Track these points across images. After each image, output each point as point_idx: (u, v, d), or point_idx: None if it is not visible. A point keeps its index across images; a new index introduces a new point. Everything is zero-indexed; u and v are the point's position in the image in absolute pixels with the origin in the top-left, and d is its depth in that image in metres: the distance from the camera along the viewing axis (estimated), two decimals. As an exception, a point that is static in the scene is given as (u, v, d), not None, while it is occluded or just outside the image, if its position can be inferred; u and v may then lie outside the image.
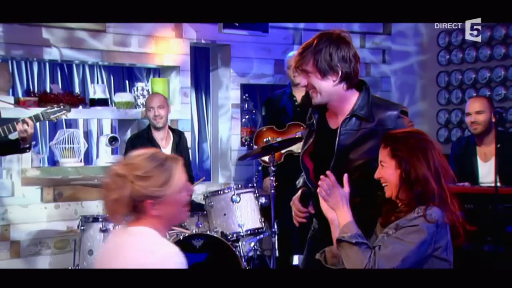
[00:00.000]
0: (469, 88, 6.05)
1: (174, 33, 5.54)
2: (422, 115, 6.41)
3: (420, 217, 2.26)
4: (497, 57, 5.86)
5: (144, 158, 2.13)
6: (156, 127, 4.86)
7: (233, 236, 4.46)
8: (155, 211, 2.11)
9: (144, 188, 2.08)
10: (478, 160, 4.63)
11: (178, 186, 2.13)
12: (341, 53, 2.70)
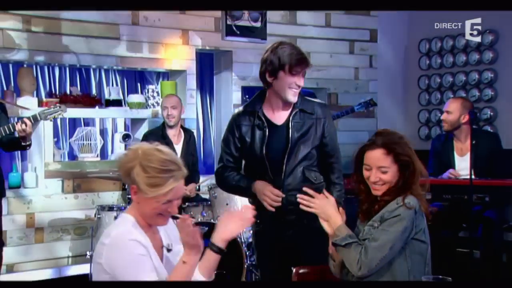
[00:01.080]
0: (447, 90, 6.07)
1: (181, 40, 5.55)
2: (405, 114, 6.43)
3: (401, 207, 2.29)
4: (472, 62, 5.87)
5: (157, 156, 2.14)
6: (168, 125, 4.87)
7: (235, 223, 4.46)
8: (135, 197, 2.14)
9: (137, 175, 2.10)
10: (455, 154, 4.64)
11: (163, 197, 2.11)
12: None
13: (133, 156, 2.14)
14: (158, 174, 2.10)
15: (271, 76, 2.95)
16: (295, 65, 2.91)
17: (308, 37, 6.13)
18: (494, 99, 5.70)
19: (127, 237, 2.09)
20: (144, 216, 2.16)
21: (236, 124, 3.04)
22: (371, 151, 2.39)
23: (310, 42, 6.16)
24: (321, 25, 6.21)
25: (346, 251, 2.30)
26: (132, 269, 2.05)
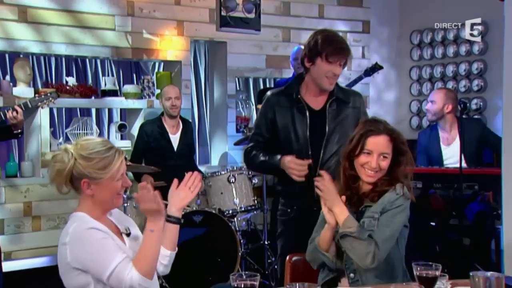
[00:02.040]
0: (438, 81, 6.07)
1: (176, 31, 5.51)
2: (397, 104, 6.43)
3: (401, 197, 2.29)
4: (462, 53, 5.87)
5: (92, 142, 2.14)
6: (172, 115, 4.84)
7: (229, 212, 4.48)
8: (89, 191, 2.12)
9: (84, 167, 2.09)
10: (441, 145, 4.66)
11: (115, 174, 2.12)
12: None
13: (65, 157, 2.11)
14: (103, 155, 2.11)
15: (309, 61, 2.91)
16: (332, 54, 2.85)
17: (301, 28, 6.11)
18: (484, 90, 5.71)
19: (85, 227, 2.08)
20: (103, 203, 2.15)
21: (270, 106, 2.98)
22: (376, 137, 2.35)
23: (304, 33, 6.14)
24: (315, 16, 6.19)
25: (358, 243, 2.23)
26: (101, 254, 2.04)
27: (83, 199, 2.16)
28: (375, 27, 6.43)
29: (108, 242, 2.08)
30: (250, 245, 4.88)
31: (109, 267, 2.02)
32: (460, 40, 5.86)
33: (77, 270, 2.06)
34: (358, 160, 2.36)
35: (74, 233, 2.08)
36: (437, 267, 1.91)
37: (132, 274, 2.03)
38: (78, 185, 2.13)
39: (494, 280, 1.81)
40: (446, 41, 6.00)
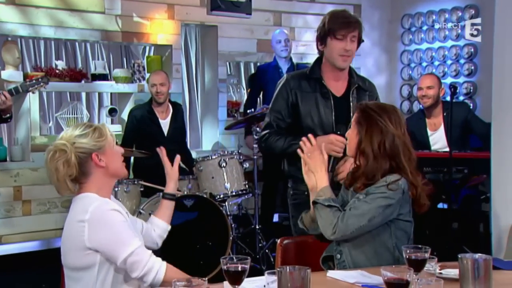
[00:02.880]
0: (428, 65, 6.07)
1: (167, 15, 5.47)
2: (388, 89, 6.43)
3: (385, 186, 2.28)
4: (452, 38, 5.88)
5: (74, 126, 2.19)
6: (158, 102, 4.83)
7: (220, 196, 4.48)
8: (102, 163, 2.13)
9: (86, 143, 2.12)
10: (428, 130, 4.69)
11: (111, 139, 2.18)
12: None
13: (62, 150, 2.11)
14: (91, 127, 2.16)
15: (321, 44, 2.90)
16: (338, 29, 2.81)
17: (293, 12, 6.09)
18: (474, 74, 5.73)
19: (107, 208, 2.09)
20: (116, 173, 2.20)
21: (291, 90, 2.91)
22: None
23: (295, 17, 6.12)
24: (305, 0, 6.16)
25: (324, 212, 2.28)
26: (122, 236, 2.06)
27: (89, 182, 2.15)
28: (367, 11, 6.41)
29: (127, 227, 2.11)
30: (241, 229, 4.90)
31: (129, 249, 2.04)
32: (451, 24, 5.86)
33: (90, 250, 2.06)
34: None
35: (96, 212, 2.07)
36: (426, 250, 1.92)
37: (160, 268, 2.07)
38: (87, 167, 2.13)
39: (482, 261, 1.83)
40: (437, 25, 6.00)
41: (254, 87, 5.46)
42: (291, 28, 6.06)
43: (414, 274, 1.75)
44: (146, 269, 2.06)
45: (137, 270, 2.05)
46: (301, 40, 6.16)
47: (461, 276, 1.85)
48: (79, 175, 2.13)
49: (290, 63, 5.28)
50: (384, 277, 1.71)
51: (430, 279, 1.72)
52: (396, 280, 1.69)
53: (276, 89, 2.98)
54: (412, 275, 1.71)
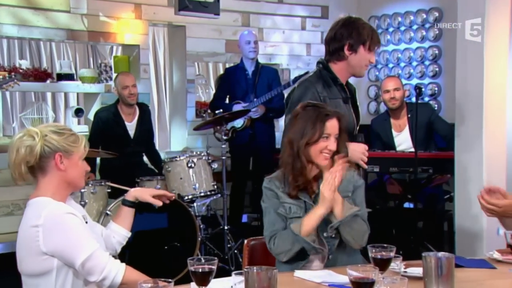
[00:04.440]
0: (394, 66, 6.16)
1: (134, 15, 5.43)
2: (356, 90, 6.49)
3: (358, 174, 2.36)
4: (417, 39, 5.97)
5: (55, 123, 2.24)
6: (130, 104, 4.79)
7: (189, 197, 4.46)
8: (62, 166, 2.09)
9: (57, 141, 2.09)
10: (393, 131, 4.76)
11: (83, 152, 2.15)
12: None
13: (33, 135, 2.08)
14: (71, 132, 2.15)
15: (351, 50, 2.86)
16: (377, 42, 2.90)
17: (261, 13, 6.10)
18: (439, 75, 5.83)
19: (61, 211, 2.05)
20: (72, 183, 2.14)
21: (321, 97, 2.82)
22: (331, 120, 2.34)
23: (263, 18, 6.14)
24: (274, 1, 6.18)
25: (357, 224, 2.32)
26: (78, 239, 2.03)
27: (46, 181, 2.11)
28: (334, 12, 6.46)
29: (84, 230, 2.08)
30: (210, 230, 4.88)
31: (86, 252, 2.01)
32: (416, 26, 5.96)
33: (46, 255, 2.02)
34: (317, 146, 2.33)
35: (50, 216, 2.03)
36: (391, 249, 1.95)
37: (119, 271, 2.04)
38: (46, 163, 2.09)
39: (445, 260, 1.87)
40: (402, 27, 6.09)
41: (221, 88, 5.46)
42: (259, 29, 6.07)
43: (379, 273, 1.78)
44: (105, 273, 2.02)
45: (95, 275, 2.02)
46: (269, 41, 6.18)
47: (425, 274, 1.89)
48: (37, 167, 2.09)
49: (256, 64, 5.30)
50: (350, 277, 1.73)
51: (395, 278, 1.74)
52: (362, 279, 1.70)
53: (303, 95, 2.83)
54: (377, 274, 1.73)
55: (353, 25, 2.88)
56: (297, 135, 2.34)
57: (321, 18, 6.47)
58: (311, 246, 2.29)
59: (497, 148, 4.03)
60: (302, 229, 2.27)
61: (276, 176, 2.39)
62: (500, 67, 4.02)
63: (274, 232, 2.32)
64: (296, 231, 2.27)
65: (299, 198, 2.35)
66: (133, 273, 2.07)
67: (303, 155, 2.32)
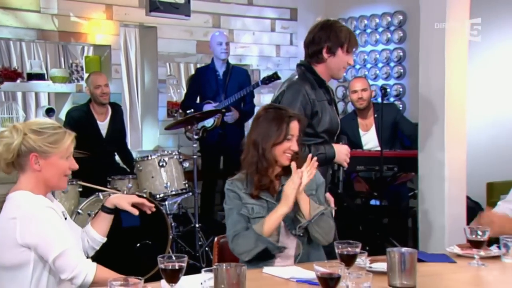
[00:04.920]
0: (361, 68, 6.22)
1: (105, 15, 5.37)
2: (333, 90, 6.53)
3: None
4: (383, 41, 6.04)
5: (43, 120, 2.14)
6: (102, 103, 4.74)
7: (160, 196, 4.44)
8: (37, 166, 2.07)
9: (34, 141, 2.06)
10: (360, 131, 4.82)
11: (64, 152, 2.10)
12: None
13: (13, 132, 2.07)
14: (54, 131, 2.09)
15: (329, 53, 2.87)
16: (354, 44, 2.91)
17: (231, 14, 6.10)
18: (403, 76, 5.91)
19: (40, 205, 2.04)
20: (48, 182, 2.11)
21: (311, 100, 2.81)
22: (294, 122, 2.38)
23: (234, 20, 6.14)
24: (244, 3, 6.19)
25: (324, 221, 2.35)
26: (55, 233, 2.01)
27: (25, 178, 2.09)
28: (302, 15, 6.50)
29: (61, 224, 2.06)
30: (181, 228, 4.87)
31: (60, 248, 1.99)
32: (382, 28, 6.03)
33: (22, 247, 2.00)
34: (281, 147, 2.36)
35: (28, 209, 2.02)
36: (356, 245, 1.98)
37: (89, 271, 2.01)
38: (24, 162, 2.07)
39: (408, 255, 1.90)
40: (369, 29, 6.15)
41: (191, 88, 5.44)
42: (229, 30, 6.07)
43: (345, 268, 1.80)
44: (75, 272, 2.00)
45: (65, 273, 2.01)
46: (239, 42, 6.18)
47: (389, 268, 1.92)
48: (16, 163, 2.08)
49: (227, 65, 5.29)
50: (317, 272, 1.74)
51: (360, 273, 1.77)
52: (328, 274, 1.72)
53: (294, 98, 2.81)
54: (343, 269, 1.75)
55: (331, 28, 2.88)
56: (262, 137, 2.36)
57: (290, 20, 6.50)
58: (275, 246, 2.31)
59: (458, 147, 4.12)
60: (265, 229, 2.29)
61: (238, 178, 2.42)
62: (460, 69, 4.12)
63: (237, 232, 2.33)
64: (259, 231, 2.28)
65: (261, 198, 2.37)
66: (104, 272, 2.05)
67: (270, 156, 2.35)
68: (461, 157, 4.14)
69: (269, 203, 2.37)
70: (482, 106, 5.53)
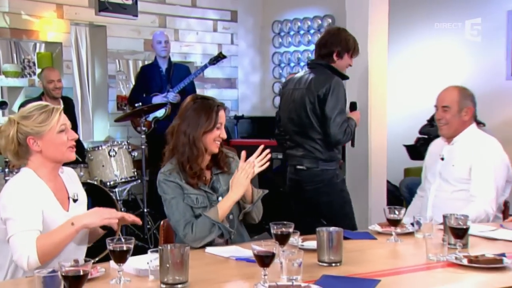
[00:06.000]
0: (295, 65, 6.28)
1: (56, 14, 5.18)
2: (261, 86, 6.57)
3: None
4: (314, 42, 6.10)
5: (31, 104, 2.10)
6: (55, 97, 4.59)
7: (111, 183, 4.36)
8: (36, 147, 2.03)
9: (26, 126, 2.02)
10: None
11: (55, 126, 2.04)
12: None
13: (9, 125, 2.05)
14: (40, 110, 2.05)
15: (338, 56, 3.23)
16: (357, 52, 3.28)
17: (176, 15, 6.02)
18: (333, 74, 6.00)
19: (21, 181, 2.00)
20: (53, 158, 2.05)
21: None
22: (221, 110, 2.35)
23: (179, 20, 6.06)
24: (188, 5, 6.12)
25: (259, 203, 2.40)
26: (13, 213, 1.93)
27: (32, 159, 2.06)
28: (242, 17, 6.50)
29: (32, 206, 1.95)
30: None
31: (15, 229, 1.91)
32: (313, 30, 6.11)
33: (2, 221, 1.95)
34: (211, 135, 2.30)
35: (10, 184, 1.99)
36: (290, 225, 2.00)
37: (30, 252, 1.88)
38: (25, 148, 2.04)
39: (335, 233, 1.95)
40: (302, 30, 6.22)
41: (138, 85, 5.35)
42: (175, 30, 6.00)
43: (279, 247, 1.82)
44: (15, 257, 1.90)
45: (13, 254, 1.92)
46: (184, 41, 6.12)
47: (318, 246, 1.96)
48: (21, 151, 2.05)
49: (168, 62, 5.24)
50: (254, 251, 1.75)
51: (293, 251, 1.79)
52: (264, 252, 1.73)
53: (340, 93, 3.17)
54: (278, 248, 1.77)
55: (341, 36, 3.23)
56: (192, 126, 2.29)
57: (230, 21, 6.48)
58: (228, 231, 2.29)
59: (380, 137, 4.25)
60: (220, 215, 2.25)
61: (172, 169, 2.30)
62: (381, 69, 4.24)
63: (188, 221, 2.24)
64: (215, 218, 2.23)
65: (200, 188, 2.31)
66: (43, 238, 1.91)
67: (200, 144, 2.28)
68: (382, 146, 4.27)
69: (207, 193, 2.33)
70: (400, 101, 5.72)
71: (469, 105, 2.79)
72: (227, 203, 2.27)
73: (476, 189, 2.69)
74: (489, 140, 2.80)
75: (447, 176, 2.81)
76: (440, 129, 2.86)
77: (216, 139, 2.32)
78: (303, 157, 3.25)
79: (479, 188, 2.68)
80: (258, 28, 6.57)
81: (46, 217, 1.99)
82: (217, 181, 2.37)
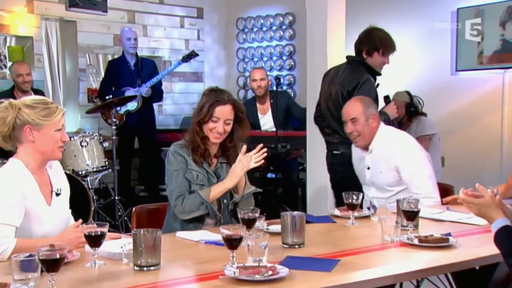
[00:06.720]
0: (259, 60, 6.28)
1: (27, 9, 5.02)
2: (226, 79, 6.55)
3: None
4: (276, 38, 6.13)
5: (36, 97, 2.04)
6: (24, 90, 4.46)
7: (83, 172, 4.29)
8: (31, 137, 1.97)
9: (28, 115, 1.96)
10: (259, 114, 4.90)
11: (57, 123, 2.00)
12: None
13: (8, 108, 1.96)
14: (46, 105, 1.99)
15: (367, 54, 3.26)
16: (389, 50, 3.25)
17: (145, 11, 5.93)
18: (294, 68, 6.05)
19: (5, 173, 1.94)
20: (44, 152, 1.99)
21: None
22: (223, 106, 2.36)
23: (147, 16, 5.96)
24: (156, 2, 6.03)
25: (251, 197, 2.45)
26: (1, 207, 1.88)
27: (22, 148, 1.99)
28: (208, 13, 6.44)
29: (14, 201, 1.89)
30: (102, 200, 4.73)
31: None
32: (275, 27, 6.12)
33: None
34: (207, 126, 2.36)
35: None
36: (255, 211, 2.02)
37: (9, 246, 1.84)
38: (19, 134, 1.97)
39: (298, 217, 1.97)
40: (264, 27, 6.22)
41: (106, 79, 5.25)
42: (143, 26, 5.90)
43: (246, 230, 1.83)
44: None
45: None
46: (153, 36, 6.03)
47: (283, 229, 1.98)
48: (12, 136, 1.98)
49: (136, 57, 5.17)
50: (222, 234, 1.76)
51: (259, 234, 1.81)
52: (232, 236, 1.75)
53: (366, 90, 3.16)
54: (245, 231, 1.78)
55: (371, 35, 3.26)
56: (195, 113, 2.41)
57: (197, 18, 6.42)
58: (215, 213, 2.33)
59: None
60: (210, 196, 2.31)
61: (184, 144, 2.39)
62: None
63: (182, 193, 2.32)
64: (205, 197, 2.30)
65: (203, 167, 2.37)
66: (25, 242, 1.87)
67: (198, 129, 2.36)
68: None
69: (209, 174, 2.39)
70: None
71: (373, 112, 2.79)
72: (220, 188, 2.34)
73: (416, 188, 2.66)
74: (399, 136, 2.81)
75: (380, 184, 2.78)
76: (354, 141, 2.83)
77: (213, 130, 2.36)
78: (338, 143, 3.31)
79: (417, 186, 2.65)
80: (223, 24, 6.53)
81: (28, 211, 1.94)
82: (221, 168, 2.42)
